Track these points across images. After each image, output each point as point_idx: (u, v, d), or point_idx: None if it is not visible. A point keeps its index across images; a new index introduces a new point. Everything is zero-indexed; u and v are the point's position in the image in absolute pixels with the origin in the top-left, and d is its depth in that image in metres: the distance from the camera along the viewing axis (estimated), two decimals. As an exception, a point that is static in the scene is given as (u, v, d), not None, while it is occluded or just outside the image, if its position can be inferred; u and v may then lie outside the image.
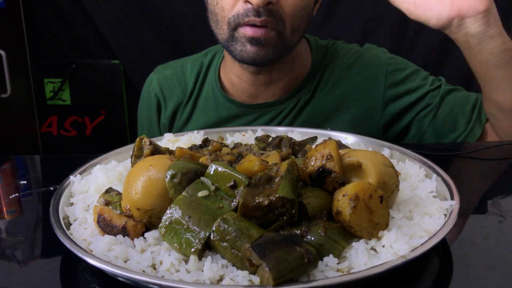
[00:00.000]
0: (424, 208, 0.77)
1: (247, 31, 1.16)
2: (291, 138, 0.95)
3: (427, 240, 0.68)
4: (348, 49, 1.41)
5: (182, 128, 1.43)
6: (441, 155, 1.15)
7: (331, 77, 1.36)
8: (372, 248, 0.68)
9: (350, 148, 0.95)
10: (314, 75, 1.37)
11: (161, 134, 1.40)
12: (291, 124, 1.34)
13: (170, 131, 1.44)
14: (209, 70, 1.42)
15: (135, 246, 0.69)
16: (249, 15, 1.15)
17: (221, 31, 1.21)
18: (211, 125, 1.37)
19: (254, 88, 1.34)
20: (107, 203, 0.77)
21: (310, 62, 1.38)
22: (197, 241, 0.66)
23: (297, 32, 1.22)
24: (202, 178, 0.72)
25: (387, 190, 0.74)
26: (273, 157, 0.81)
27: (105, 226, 0.72)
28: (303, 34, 1.28)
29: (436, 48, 2.43)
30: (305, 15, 1.22)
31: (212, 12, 1.23)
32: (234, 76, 1.35)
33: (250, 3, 1.13)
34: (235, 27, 1.17)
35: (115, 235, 0.71)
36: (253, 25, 1.16)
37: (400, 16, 2.54)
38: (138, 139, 0.85)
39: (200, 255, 0.66)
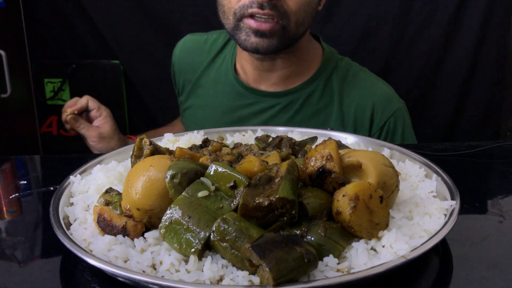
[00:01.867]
0: (424, 208, 0.77)
1: (252, 24, 1.23)
2: (291, 138, 0.95)
3: (427, 240, 0.68)
4: (364, 77, 1.44)
5: (192, 92, 1.53)
6: (441, 155, 1.15)
7: (334, 91, 1.39)
8: (372, 248, 0.68)
9: (350, 148, 0.95)
10: (317, 80, 1.40)
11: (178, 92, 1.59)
12: (281, 118, 1.40)
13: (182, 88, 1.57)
14: (227, 47, 1.51)
15: (135, 246, 0.69)
16: (252, 7, 1.21)
17: (227, 21, 1.29)
18: (218, 96, 1.47)
19: (257, 73, 1.41)
20: (107, 203, 0.77)
21: (317, 67, 1.41)
22: (197, 241, 0.66)
23: (302, 26, 1.28)
24: (202, 179, 0.72)
25: (387, 190, 0.74)
26: (273, 157, 0.81)
27: (105, 226, 0.72)
28: (308, 27, 1.33)
29: (436, 47, 2.43)
30: (310, 10, 1.28)
31: (220, 4, 1.31)
32: (243, 60, 1.42)
33: None
34: (240, 17, 1.24)
35: (115, 235, 0.71)
36: (258, 18, 1.22)
37: (400, 16, 2.55)
38: (138, 139, 0.85)
39: (200, 255, 0.66)
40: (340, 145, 0.93)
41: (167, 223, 0.68)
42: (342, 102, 1.38)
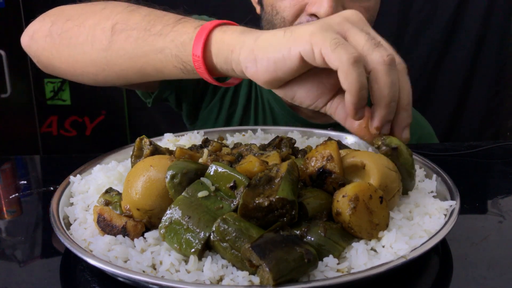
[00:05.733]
0: (424, 208, 0.77)
1: None
2: (291, 138, 0.95)
3: (427, 240, 0.68)
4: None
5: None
6: (441, 155, 1.15)
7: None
8: (372, 249, 0.68)
9: (350, 148, 0.95)
10: None
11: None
12: None
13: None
14: None
15: (135, 246, 0.69)
16: None
17: None
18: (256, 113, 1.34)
19: None
20: (107, 203, 0.77)
21: None
22: (197, 241, 0.66)
23: None
24: (202, 179, 0.72)
25: (388, 193, 0.73)
26: (273, 157, 0.81)
27: (105, 226, 0.72)
28: None
29: (436, 47, 2.43)
30: None
31: (269, 22, 1.16)
32: None
33: (316, 16, 1.07)
34: None
35: (115, 235, 0.71)
36: None
37: (400, 15, 2.55)
38: (138, 139, 0.85)
39: (200, 255, 0.66)
40: (340, 146, 0.93)
41: (167, 223, 0.68)
42: None
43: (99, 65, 0.96)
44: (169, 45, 0.83)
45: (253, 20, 1.23)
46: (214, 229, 0.66)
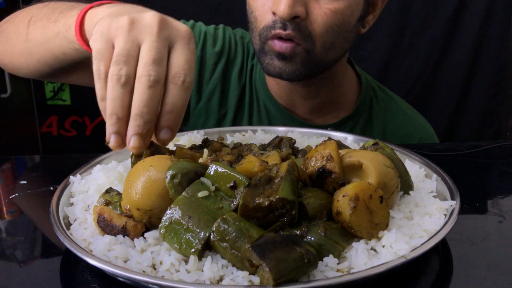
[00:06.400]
0: (424, 208, 0.77)
1: (275, 45, 1.13)
2: (291, 138, 0.95)
3: (427, 240, 0.68)
4: (404, 114, 1.40)
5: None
6: (441, 155, 1.15)
7: (373, 126, 1.35)
8: (372, 248, 0.68)
9: (350, 148, 0.95)
10: (358, 113, 1.34)
11: None
12: None
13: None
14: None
15: (135, 246, 0.69)
16: (275, 28, 1.12)
17: (255, 41, 1.20)
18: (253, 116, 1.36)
19: (291, 99, 1.32)
20: (107, 203, 0.77)
21: (356, 98, 1.36)
22: (197, 241, 0.66)
23: (331, 50, 1.17)
24: (202, 179, 0.72)
25: (387, 191, 0.74)
26: (273, 157, 0.81)
27: (105, 226, 0.72)
28: (343, 52, 1.23)
29: (436, 47, 2.43)
30: (343, 33, 1.15)
31: (249, 20, 1.21)
32: (276, 82, 1.32)
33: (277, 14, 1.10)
34: (265, 40, 1.15)
35: (115, 235, 0.71)
36: (280, 38, 1.13)
37: (400, 15, 2.55)
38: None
39: (200, 255, 0.66)
40: (340, 145, 0.93)
41: (167, 223, 0.68)
42: (385, 138, 1.33)
43: (25, 55, 1.07)
44: (61, 29, 0.94)
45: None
46: (214, 229, 0.66)
